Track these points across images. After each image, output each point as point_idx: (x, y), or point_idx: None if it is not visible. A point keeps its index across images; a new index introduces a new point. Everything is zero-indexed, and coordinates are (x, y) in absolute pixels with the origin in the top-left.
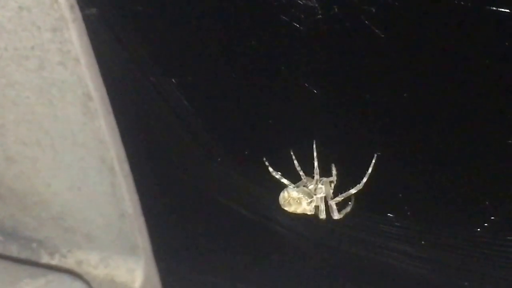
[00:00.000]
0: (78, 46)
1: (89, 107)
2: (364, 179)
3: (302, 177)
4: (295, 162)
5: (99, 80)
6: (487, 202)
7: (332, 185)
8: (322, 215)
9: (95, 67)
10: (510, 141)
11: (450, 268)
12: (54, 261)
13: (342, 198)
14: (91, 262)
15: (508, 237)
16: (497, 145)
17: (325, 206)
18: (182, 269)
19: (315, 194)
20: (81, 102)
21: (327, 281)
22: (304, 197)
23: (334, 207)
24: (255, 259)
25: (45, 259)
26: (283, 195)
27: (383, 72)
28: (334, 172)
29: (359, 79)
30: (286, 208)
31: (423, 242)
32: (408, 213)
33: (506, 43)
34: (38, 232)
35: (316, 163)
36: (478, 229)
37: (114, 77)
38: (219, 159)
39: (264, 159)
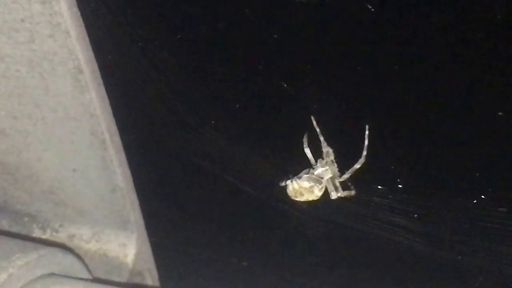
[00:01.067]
0: (68, 19)
1: (79, 80)
2: (364, 152)
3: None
4: (305, 144)
5: (90, 53)
6: (480, 174)
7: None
8: (334, 196)
9: (86, 40)
10: (500, 113)
11: (443, 242)
12: (46, 235)
13: (350, 174)
14: (83, 237)
15: (500, 209)
16: (489, 116)
17: (333, 185)
18: (174, 243)
19: (323, 178)
20: (71, 75)
21: (321, 253)
22: (316, 185)
23: (338, 185)
24: (249, 233)
25: (36, 233)
26: (293, 187)
27: (374, 45)
28: (329, 151)
29: (350, 51)
30: (298, 199)
31: (415, 216)
32: (400, 186)
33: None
34: (30, 206)
35: (322, 138)
36: (474, 201)
37: (104, 50)
38: (213, 122)
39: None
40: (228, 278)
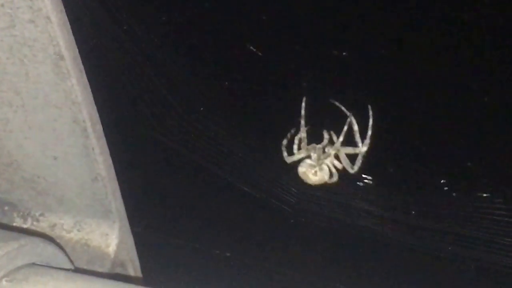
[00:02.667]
0: (49, 4)
1: (60, 66)
2: (369, 132)
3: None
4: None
5: (71, 39)
6: (471, 169)
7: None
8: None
9: (67, 26)
10: (486, 99)
11: (434, 233)
12: (27, 225)
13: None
14: (65, 226)
15: (483, 194)
16: (480, 111)
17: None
18: (157, 234)
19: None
20: (52, 61)
21: (304, 244)
22: (308, 169)
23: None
24: (232, 224)
25: (17, 222)
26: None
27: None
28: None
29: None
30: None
31: (413, 212)
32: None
33: None
34: (10, 195)
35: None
36: (461, 196)
37: (86, 36)
38: (201, 109)
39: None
40: (211, 268)
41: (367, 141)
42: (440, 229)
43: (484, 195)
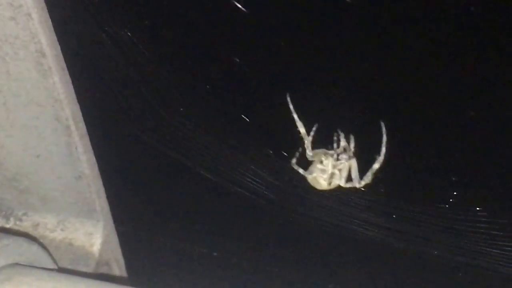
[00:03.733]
0: (30, 1)
1: (42, 64)
2: (383, 149)
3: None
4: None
5: (53, 37)
6: (453, 178)
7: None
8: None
9: (48, 23)
10: (472, 113)
11: (418, 238)
12: (9, 224)
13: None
14: (48, 226)
15: (476, 208)
16: (463, 119)
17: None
18: (142, 233)
19: (329, 168)
20: (34, 59)
21: (292, 244)
22: (319, 175)
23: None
24: (218, 223)
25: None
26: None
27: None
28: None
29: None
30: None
31: (394, 216)
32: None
33: None
34: None
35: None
36: (446, 205)
37: (68, 33)
38: (181, 110)
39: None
40: (197, 268)
41: (381, 157)
42: (425, 236)
43: (472, 208)
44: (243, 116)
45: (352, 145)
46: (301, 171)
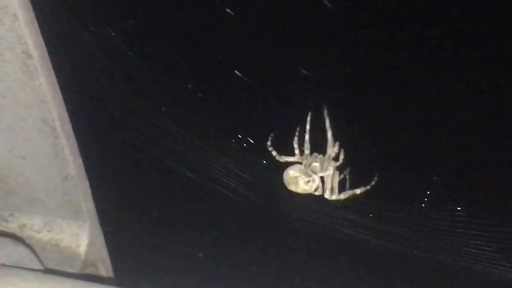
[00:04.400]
0: (16, 1)
1: (28, 65)
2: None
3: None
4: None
5: (39, 38)
6: (434, 178)
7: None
8: (328, 196)
9: (34, 24)
10: (454, 112)
11: (398, 238)
12: None
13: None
14: (34, 227)
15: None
16: (440, 120)
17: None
18: (128, 234)
19: (315, 172)
20: (20, 60)
21: (277, 243)
22: (302, 176)
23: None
24: (204, 223)
25: None
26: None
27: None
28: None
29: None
30: (289, 188)
31: (371, 215)
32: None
33: None
34: None
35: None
36: (423, 205)
37: (54, 33)
38: (163, 109)
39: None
40: (183, 269)
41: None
42: (405, 235)
43: (450, 208)
44: (227, 115)
45: (341, 156)
46: (274, 153)
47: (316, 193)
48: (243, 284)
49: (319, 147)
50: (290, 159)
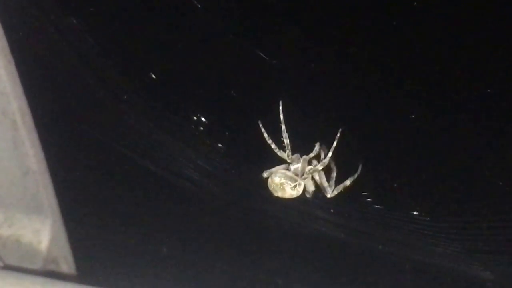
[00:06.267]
0: None
1: None
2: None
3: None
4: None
5: None
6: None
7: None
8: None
9: None
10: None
11: (364, 234)
12: None
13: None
14: None
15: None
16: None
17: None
18: (91, 229)
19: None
20: None
21: (243, 238)
22: (287, 182)
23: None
24: (168, 218)
25: None
26: (268, 181)
27: None
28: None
29: None
30: (276, 195)
31: (332, 211)
32: None
33: None
34: None
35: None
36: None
37: (13, 24)
38: (125, 97)
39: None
40: (147, 265)
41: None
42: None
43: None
44: (192, 107)
45: (325, 155)
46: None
47: (307, 195)
48: (208, 279)
49: (299, 147)
50: (274, 169)
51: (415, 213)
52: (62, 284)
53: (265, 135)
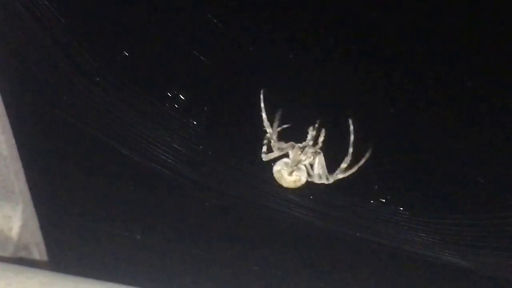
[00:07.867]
0: None
1: None
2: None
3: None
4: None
5: None
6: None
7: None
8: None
9: None
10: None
11: (330, 217)
12: None
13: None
14: None
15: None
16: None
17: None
18: (63, 216)
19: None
20: None
21: (219, 224)
22: (283, 168)
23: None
24: (142, 206)
25: None
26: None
27: None
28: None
29: None
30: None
31: (311, 197)
32: None
33: None
34: None
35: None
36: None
37: None
38: (97, 79)
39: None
40: (121, 252)
41: (348, 158)
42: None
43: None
44: (168, 88)
45: (321, 139)
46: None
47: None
48: (182, 267)
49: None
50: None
51: (400, 208)
52: (34, 271)
53: (262, 104)
